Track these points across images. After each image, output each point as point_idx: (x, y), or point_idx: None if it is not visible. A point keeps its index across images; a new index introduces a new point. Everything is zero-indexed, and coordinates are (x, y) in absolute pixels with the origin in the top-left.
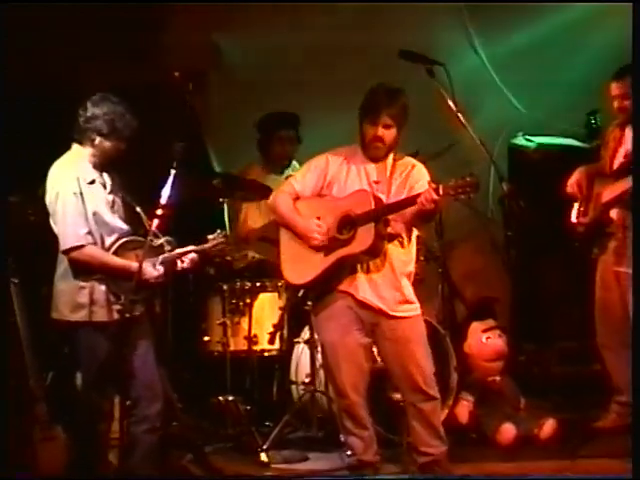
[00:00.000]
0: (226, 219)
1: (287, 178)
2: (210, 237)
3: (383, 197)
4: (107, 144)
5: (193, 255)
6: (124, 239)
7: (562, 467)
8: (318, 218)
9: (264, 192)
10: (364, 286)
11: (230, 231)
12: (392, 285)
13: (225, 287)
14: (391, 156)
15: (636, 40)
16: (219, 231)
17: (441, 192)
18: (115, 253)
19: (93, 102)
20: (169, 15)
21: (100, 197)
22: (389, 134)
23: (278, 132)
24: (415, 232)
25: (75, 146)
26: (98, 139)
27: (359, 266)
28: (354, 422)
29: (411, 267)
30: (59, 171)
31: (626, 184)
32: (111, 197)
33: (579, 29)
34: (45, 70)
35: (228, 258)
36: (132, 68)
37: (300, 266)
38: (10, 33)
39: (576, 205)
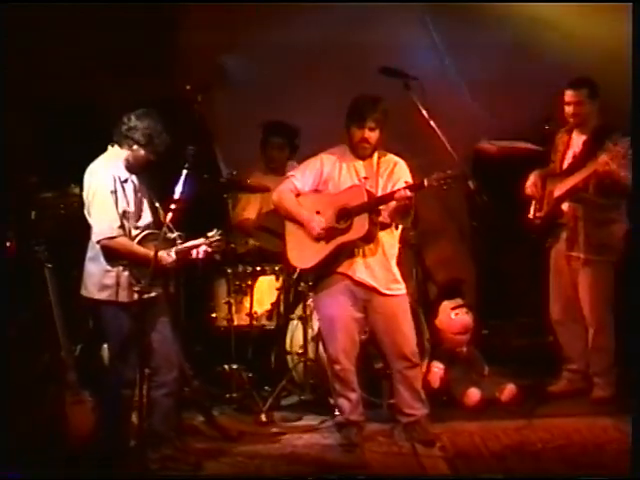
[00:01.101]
0: (230, 214)
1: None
2: (209, 234)
3: (373, 191)
4: (141, 153)
5: (206, 247)
6: (146, 232)
7: (520, 425)
8: (318, 212)
9: (263, 190)
10: (360, 268)
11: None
12: (384, 267)
13: (229, 271)
14: (376, 154)
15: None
16: (216, 230)
17: (426, 184)
18: (139, 243)
19: (137, 115)
20: (182, 38)
21: (130, 195)
22: (374, 136)
23: (270, 138)
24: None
25: (113, 148)
26: (135, 147)
27: (356, 251)
28: (344, 386)
29: (396, 250)
30: (98, 170)
31: (574, 180)
32: (138, 195)
33: (541, 41)
34: (69, 81)
35: (232, 245)
36: (150, 83)
37: (305, 253)
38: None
39: (533, 203)
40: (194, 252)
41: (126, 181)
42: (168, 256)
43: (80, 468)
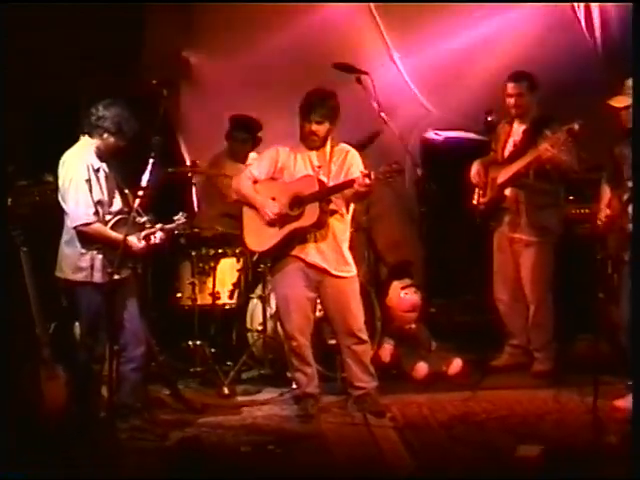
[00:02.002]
0: (194, 199)
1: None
2: (175, 218)
3: (325, 179)
4: (111, 140)
5: (161, 234)
6: (118, 217)
7: (465, 397)
8: (273, 198)
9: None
10: (313, 251)
11: (198, 209)
12: (335, 250)
13: (194, 254)
14: (329, 144)
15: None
16: (182, 213)
17: (373, 177)
18: (112, 228)
19: (105, 105)
20: (148, 36)
21: (102, 183)
22: (321, 129)
23: (234, 132)
24: (351, 206)
25: (84, 138)
26: (105, 135)
27: (308, 236)
28: (300, 360)
29: (347, 235)
30: (72, 159)
31: (516, 167)
32: (109, 182)
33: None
34: (44, 74)
35: (196, 230)
36: (118, 79)
37: (260, 237)
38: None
39: (477, 190)
40: (152, 237)
41: (98, 170)
42: (138, 241)
43: (55, 439)
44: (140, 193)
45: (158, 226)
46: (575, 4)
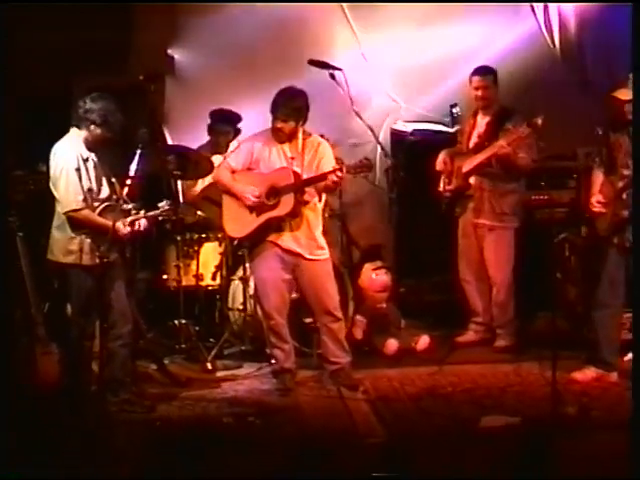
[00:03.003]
0: (180, 187)
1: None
2: (159, 205)
3: (299, 169)
4: (98, 131)
5: (144, 221)
6: (105, 204)
7: (433, 371)
8: (251, 188)
9: (208, 165)
10: (288, 238)
11: (182, 196)
12: (308, 236)
13: (179, 238)
14: (300, 136)
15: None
16: (166, 200)
17: (344, 171)
18: (99, 214)
19: (92, 98)
20: (136, 35)
21: (91, 171)
22: (287, 126)
23: (215, 125)
24: (323, 195)
25: (73, 130)
26: (92, 127)
27: (283, 224)
28: (278, 338)
29: (320, 221)
30: (63, 149)
31: (480, 158)
32: (98, 171)
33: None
34: (38, 72)
35: (181, 216)
36: (109, 74)
37: (238, 224)
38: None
39: (443, 178)
40: (135, 224)
41: (87, 159)
42: (124, 226)
43: (49, 410)
44: (128, 182)
45: (143, 213)
46: (535, 5)
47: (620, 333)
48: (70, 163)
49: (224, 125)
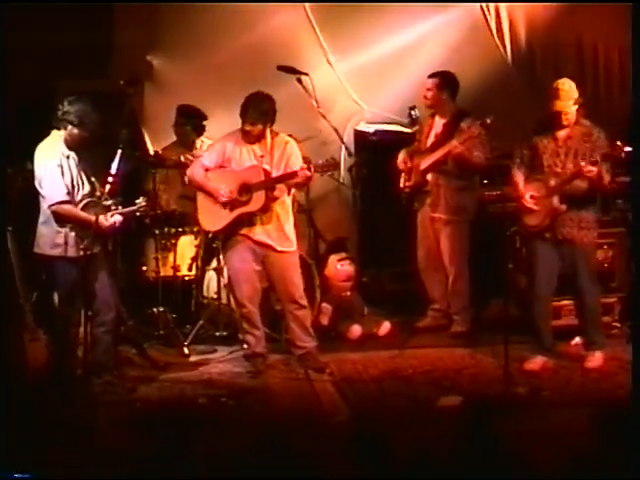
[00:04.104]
0: (157, 184)
1: (193, 154)
2: (136, 202)
3: (268, 167)
4: (76, 132)
5: (120, 217)
6: (87, 200)
7: (394, 355)
8: (224, 185)
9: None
10: (259, 231)
11: (159, 193)
12: (278, 229)
13: (157, 232)
14: (269, 135)
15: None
16: (142, 198)
17: (312, 170)
18: (82, 209)
19: (69, 101)
20: (117, 42)
21: (73, 168)
22: (255, 129)
23: (176, 118)
24: (292, 191)
25: (54, 131)
26: (69, 127)
27: (255, 218)
28: (249, 324)
29: (290, 216)
30: (46, 148)
31: (436, 156)
32: (78, 169)
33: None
34: (24, 76)
35: (158, 212)
36: (90, 78)
37: (212, 218)
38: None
39: (403, 175)
40: (115, 219)
41: (68, 157)
42: (105, 221)
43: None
44: (110, 179)
45: (121, 208)
46: (486, 13)
47: (551, 321)
48: (52, 160)
49: (185, 118)
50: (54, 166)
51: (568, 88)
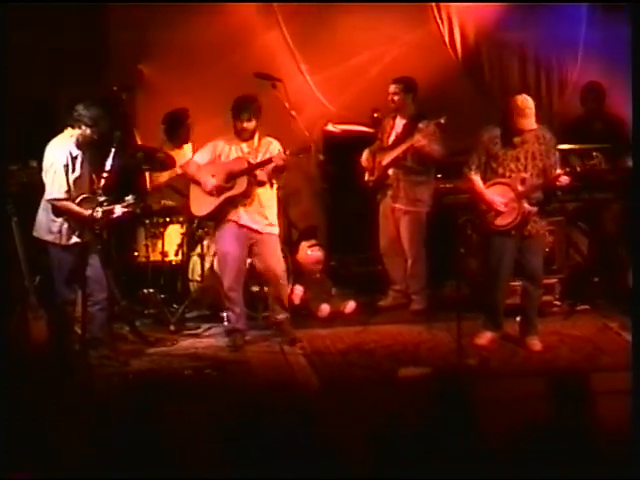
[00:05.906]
0: (147, 181)
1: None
2: (127, 198)
3: (252, 161)
4: (88, 132)
5: (123, 209)
6: (84, 195)
7: (359, 331)
8: (213, 176)
9: (169, 160)
10: (244, 215)
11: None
12: (261, 214)
13: (147, 222)
14: (257, 136)
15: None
16: (132, 195)
17: (288, 153)
18: (78, 204)
19: (85, 104)
20: (111, 52)
21: (77, 168)
22: (250, 125)
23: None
24: (274, 183)
25: (68, 129)
26: (83, 128)
27: (240, 205)
28: (231, 303)
29: (273, 203)
30: (57, 146)
31: (396, 153)
32: (83, 168)
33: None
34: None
35: (149, 203)
36: (88, 84)
37: (202, 205)
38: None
39: (366, 170)
40: (115, 212)
41: (75, 158)
42: (96, 214)
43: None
44: (104, 175)
45: (112, 204)
46: (439, 22)
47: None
48: (60, 160)
49: (170, 126)
50: (61, 166)
51: (532, 105)
